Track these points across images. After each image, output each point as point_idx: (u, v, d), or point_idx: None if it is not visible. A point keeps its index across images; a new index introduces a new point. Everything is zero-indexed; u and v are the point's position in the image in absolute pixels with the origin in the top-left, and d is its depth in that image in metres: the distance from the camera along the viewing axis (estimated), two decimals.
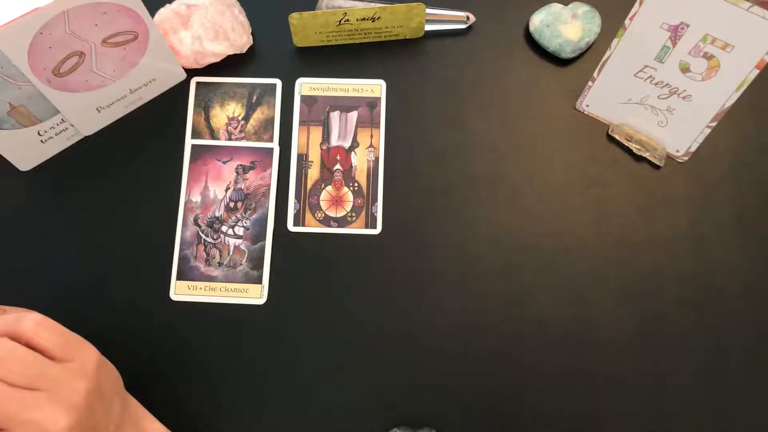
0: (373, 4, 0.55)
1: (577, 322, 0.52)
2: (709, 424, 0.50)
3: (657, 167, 0.55)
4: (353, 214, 0.54)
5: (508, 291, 0.52)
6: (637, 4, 0.48)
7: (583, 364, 0.51)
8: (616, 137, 0.55)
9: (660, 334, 0.51)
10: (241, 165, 0.54)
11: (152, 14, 0.51)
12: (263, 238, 0.53)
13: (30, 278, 0.52)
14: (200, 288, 0.52)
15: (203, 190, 0.54)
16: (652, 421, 0.50)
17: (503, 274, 0.53)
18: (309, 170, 0.55)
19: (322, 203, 0.54)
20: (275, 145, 0.55)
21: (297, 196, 0.54)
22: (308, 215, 0.54)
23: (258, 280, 0.52)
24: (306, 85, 0.56)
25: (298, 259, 0.53)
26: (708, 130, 0.52)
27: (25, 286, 0.52)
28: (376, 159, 0.55)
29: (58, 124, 0.52)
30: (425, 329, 0.52)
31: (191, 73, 0.56)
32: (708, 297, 0.52)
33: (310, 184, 0.55)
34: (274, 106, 0.56)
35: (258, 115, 0.56)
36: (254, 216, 0.54)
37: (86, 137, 0.55)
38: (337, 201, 0.54)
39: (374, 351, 0.51)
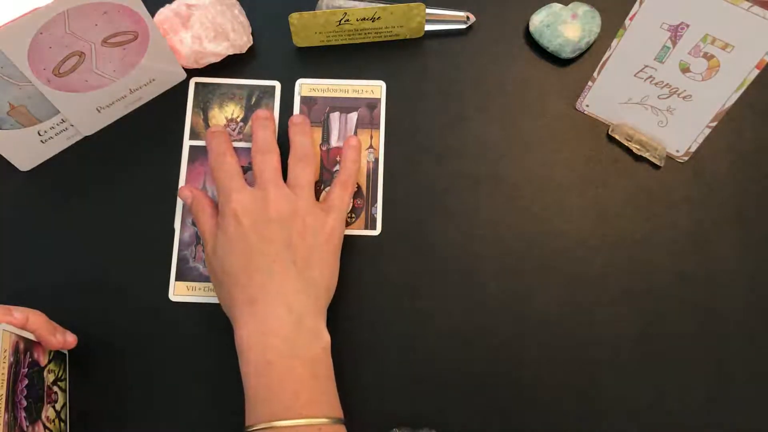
0: (373, 4, 0.55)
1: (577, 321, 0.52)
2: (710, 424, 0.50)
3: (657, 167, 0.55)
4: (353, 216, 0.54)
5: (508, 291, 0.52)
6: (637, 4, 0.48)
7: (583, 363, 0.51)
8: (616, 137, 0.55)
9: (660, 334, 0.51)
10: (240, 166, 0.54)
11: (152, 14, 0.51)
12: None
13: (29, 278, 0.52)
14: (199, 289, 0.52)
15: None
16: (652, 421, 0.50)
17: (503, 274, 0.52)
18: None
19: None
20: None
21: None
22: None
23: None
24: (306, 86, 0.56)
25: None
26: (708, 130, 0.52)
27: (25, 286, 0.52)
28: (376, 160, 0.55)
29: (58, 124, 0.52)
30: (425, 329, 0.51)
31: (191, 73, 0.56)
32: (708, 297, 0.52)
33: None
34: (273, 109, 0.56)
35: None
36: None
37: (86, 137, 0.55)
38: None
39: (374, 351, 0.51)
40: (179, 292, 0.52)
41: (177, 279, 0.52)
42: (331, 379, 0.45)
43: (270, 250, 0.46)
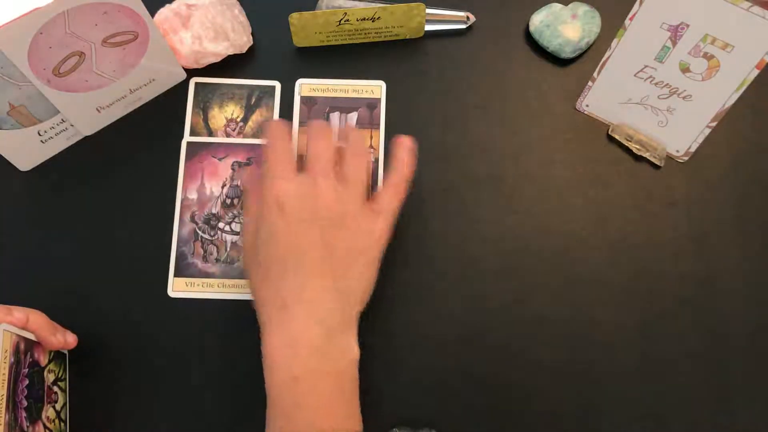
0: (373, 4, 0.55)
1: (577, 321, 0.52)
2: (710, 424, 0.50)
3: (657, 167, 0.55)
4: None
5: (508, 291, 0.52)
6: (637, 4, 0.48)
7: (584, 363, 0.51)
8: (616, 137, 0.55)
9: (660, 334, 0.51)
10: (237, 162, 0.54)
11: (152, 14, 0.51)
12: None
13: (29, 277, 0.52)
14: (198, 285, 0.52)
15: (199, 187, 0.54)
16: (652, 421, 0.50)
17: (503, 274, 0.52)
18: None
19: None
20: None
21: None
22: None
23: None
24: (306, 86, 0.57)
25: None
26: (708, 130, 0.52)
27: (25, 285, 0.52)
28: (376, 160, 0.55)
29: (58, 124, 0.52)
30: (425, 329, 0.51)
31: (191, 73, 0.56)
32: (708, 297, 0.52)
33: None
34: (272, 109, 0.56)
35: (257, 117, 0.56)
36: None
37: (86, 137, 0.55)
38: None
39: (373, 351, 0.51)
40: (178, 288, 0.52)
41: (175, 275, 0.52)
42: (355, 391, 0.44)
43: (310, 252, 0.43)
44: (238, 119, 0.56)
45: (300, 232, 0.43)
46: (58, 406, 0.48)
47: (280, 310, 0.43)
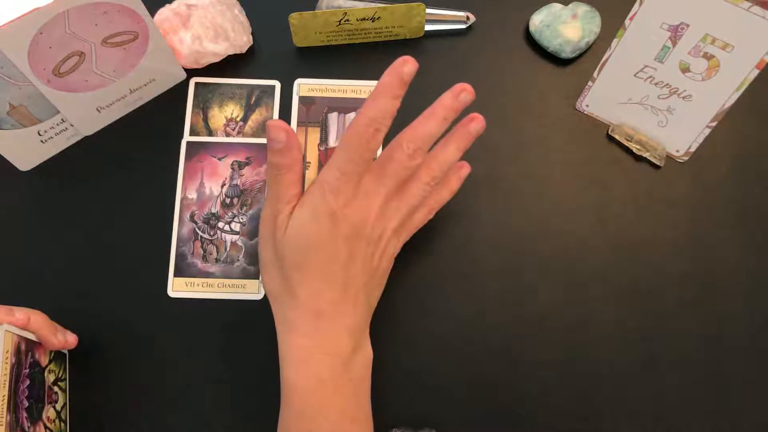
0: (373, 4, 0.55)
1: (577, 321, 0.52)
2: (709, 424, 0.50)
3: (657, 167, 0.55)
4: None
5: (508, 291, 0.52)
6: (637, 4, 0.48)
7: (584, 363, 0.51)
8: (616, 137, 0.55)
9: (660, 334, 0.51)
10: (236, 161, 0.55)
11: (152, 14, 0.51)
12: None
13: (29, 277, 0.52)
14: (198, 284, 0.52)
15: (199, 187, 0.54)
16: (652, 421, 0.50)
17: (503, 274, 0.52)
18: (307, 171, 0.55)
19: None
20: None
21: None
22: None
23: (255, 276, 0.52)
24: (304, 86, 0.57)
25: None
26: (708, 130, 0.52)
27: (25, 285, 0.52)
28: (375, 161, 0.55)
29: (58, 124, 0.52)
30: (425, 329, 0.51)
31: (191, 72, 0.56)
32: (708, 297, 0.52)
33: (307, 184, 0.54)
34: (272, 108, 0.56)
35: (256, 117, 0.56)
36: (250, 212, 0.54)
37: (86, 137, 0.55)
38: None
39: (374, 351, 0.51)
40: (178, 288, 0.52)
41: (175, 275, 0.52)
42: (368, 394, 0.45)
43: (352, 268, 0.44)
44: (238, 119, 0.56)
45: (347, 248, 0.43)
46: (58, 406, 0.48)
47: (314, 316, 0.43)
